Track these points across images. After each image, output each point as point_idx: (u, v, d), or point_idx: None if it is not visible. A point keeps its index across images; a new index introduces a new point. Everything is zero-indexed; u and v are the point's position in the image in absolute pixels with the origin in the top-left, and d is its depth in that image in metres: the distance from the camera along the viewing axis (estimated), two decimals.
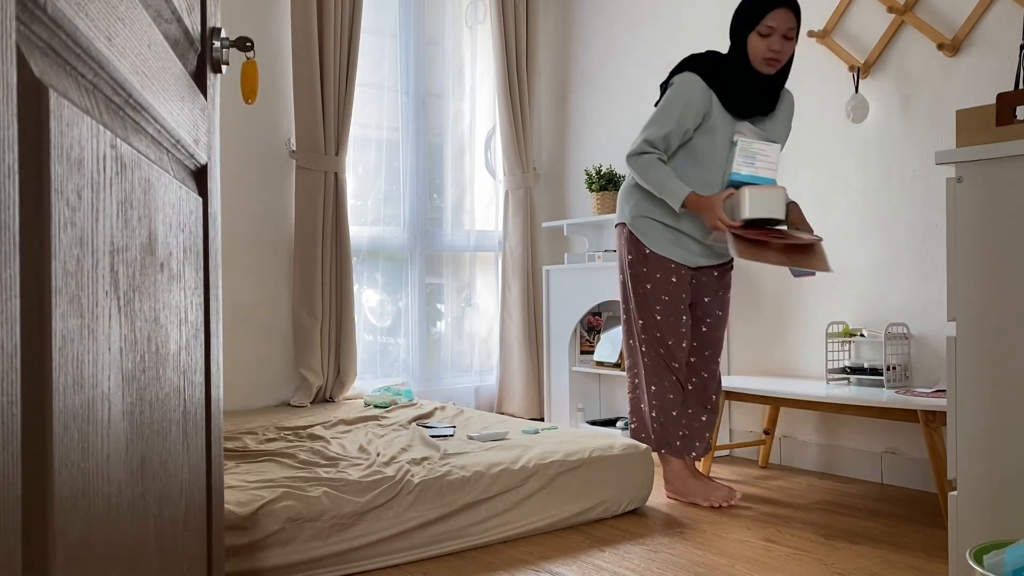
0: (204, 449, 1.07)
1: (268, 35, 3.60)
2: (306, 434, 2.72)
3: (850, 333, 2.99)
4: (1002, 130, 1.62)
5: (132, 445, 0.72)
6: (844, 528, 2.37)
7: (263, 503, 1.88)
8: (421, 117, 4.06)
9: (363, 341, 3.88)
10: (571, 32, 4.40)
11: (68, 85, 0.59)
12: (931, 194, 2.83)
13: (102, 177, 0.63)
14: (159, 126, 0.85)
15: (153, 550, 0.79)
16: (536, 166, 4.40)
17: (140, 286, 0.75)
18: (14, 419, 0.46)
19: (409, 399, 3.49)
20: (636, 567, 2.04)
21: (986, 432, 1.61)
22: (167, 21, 0.92)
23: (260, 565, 1.85)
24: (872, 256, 3.00)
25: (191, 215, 0.99)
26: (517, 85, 4.17)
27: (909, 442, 2.88)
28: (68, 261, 0.56)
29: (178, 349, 0.91)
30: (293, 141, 3.64)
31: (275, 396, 3.61)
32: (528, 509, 2.28)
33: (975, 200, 1.61)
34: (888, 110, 2.96)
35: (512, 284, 4.18)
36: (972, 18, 2.69)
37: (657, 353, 2.67)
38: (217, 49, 1.15)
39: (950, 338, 1.66)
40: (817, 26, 3.16)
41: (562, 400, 3.91)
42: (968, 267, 1.63)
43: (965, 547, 1.63)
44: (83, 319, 0.59)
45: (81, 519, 0.58)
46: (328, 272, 3.62)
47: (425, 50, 4.08)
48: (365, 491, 2.03)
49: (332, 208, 3.62)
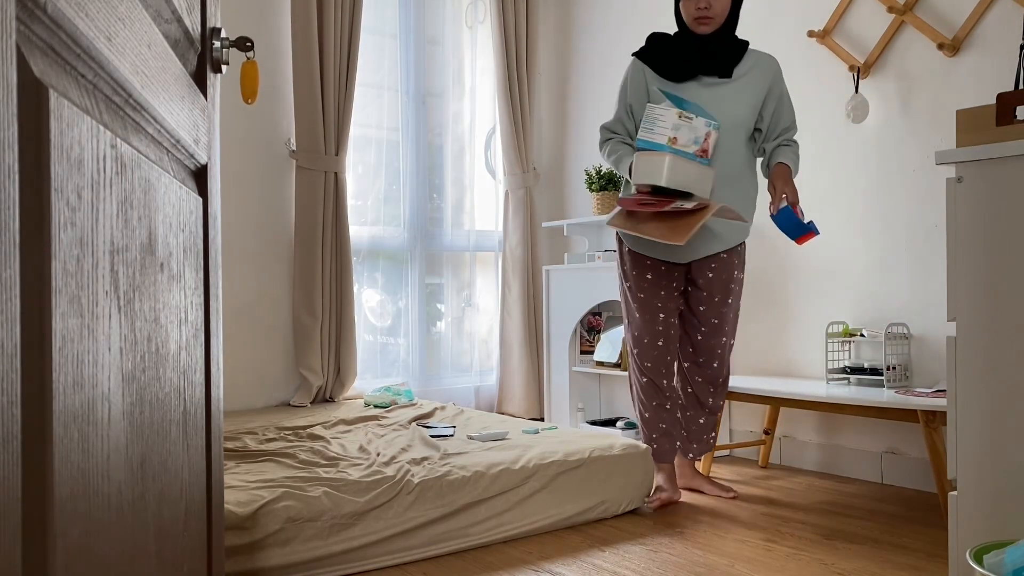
0: (204, 449, 1.07)
1: (268, 35, 3.60)
2: (306, 434, 2.72)
3: (850, 333, 2.99)
4: (1002, 130, 1.62)
5: (132, 445, 0.72)
6: (844, 528, 2.37)
7: (263, 503, 1.88)
8: (421, 117, 4.05)
9: (363, 341, 3.88)
10: (571, 32, 4.40)
11: (68, 85, 0.59)
12: (931, 194, 2.83)
13: (102, 177, 0.63)
14: (159, 126, 0.85)
15: (153, 550, 0.79)
16: (536, 166, 4.40)
17: (140, 286, 0.75)
18: (14, 419, 0.46)
19: (409, 399, 3.49)
20: (636, 567, 2.04)
21: (986, 432, 1.61)
22: (167, 21, 0.92)
23: (260, 565, 1.85)
24: (872, 256, 3.00)
25: (191, 215, 0.99)
26: (517, 85, 4.17)
27: (909, 442, 2.88)
28: (68, 261, 0.56)
29: (178, 349, 0.91)
30: (293, 141, 3.64)
31: (275, 396, 3.61)
32: (528, 509, 2.28)
33: (975, 200, 1.61)
34: (888, 110, 2.96)
35: (512, 284, 4.18)
36: (972, 18, 2.69)
37: (634, 352, 2.66)
38: (217, 49, 1.15)
39: (950, 338, 1.66)
40: (817, 26, 3.16)
41: (562, 400, 3.91)
42: (968, 267, 1.63)
43: (965, 547, 1.63)
44: (83, 319, 0.59)
45: (81, 519, 0.58)
46: (328, 272, 3.62)
47: (425, 50, 4.08)
48: (365, 491, 2.03)
49: (332, 208, 3.62)
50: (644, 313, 2.62)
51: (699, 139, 2.38)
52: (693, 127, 2.37)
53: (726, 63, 2.52)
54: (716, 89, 2.52)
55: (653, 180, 2.32)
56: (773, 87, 2.55)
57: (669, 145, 2.36)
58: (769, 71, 2.56)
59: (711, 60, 2.50)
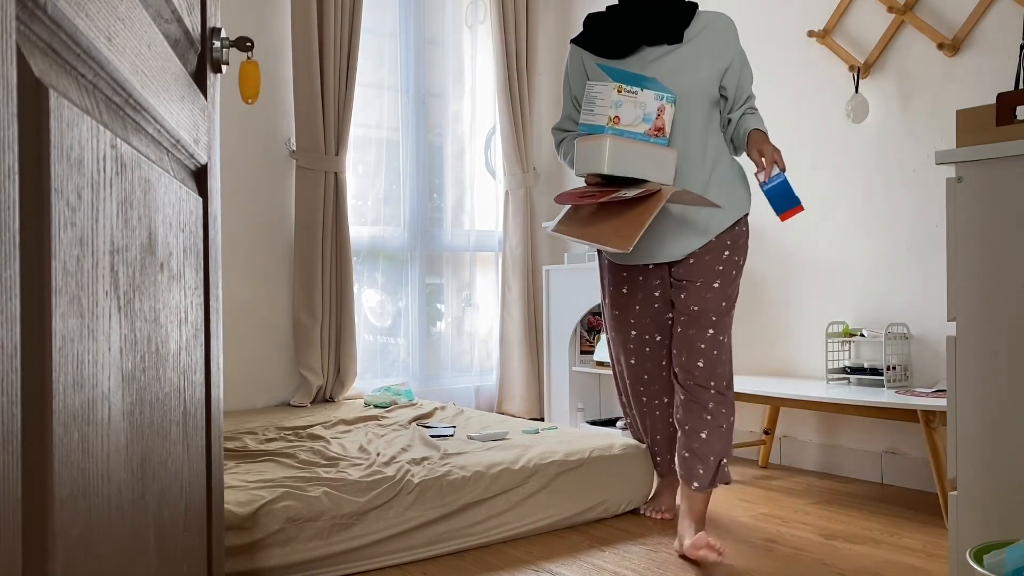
0: (204, 449, 1.07)
1: (268, 35, 3.60)
2: (306, 434, 2.72)
3: (850, 333, 2.99)
4: (1002, 130, 1.62)
5: (132, 445, 0.72)
6: (844, 528, 2.37)
7: (263, 503, 1.88)
8: (421, 117, 4.05)
9: (363, 341, 3.88)
10: (571, 32, 4.40)
11: (68, 85, 0.58)
12: (931, 194, 2.83)
13: (102, 177, 0.63)
14: (159, 126, 0.85)
15: (153, 550, 0.79)
16: (536, 166, 4.40)
17: (140, 286, 0.75)
18: (14, 419, 0.46)
19: (409, 399, 3.49)
20: (636, 567, 2.04)
21: (986, 432, 1.60)
22: (167, 21, 0.92)
23: (260, 565, 1.85)
24: (872, 256, 3.00)
25: (191, 215, 0.99)
26: (517, 85, 4.17)
27: (909, 442, 2.88)
28: (68, 261, 0.56)
29: (178, 349, 0.91)
30: (293, 141, 3.64)
31: (275, 396, 3.61)
32: (528, 509, 2.28)
33: (975, 200, 1.61)
34: (888, 110, 2.96)
35: (512, 284, 4.18)
36: (972, 18, 2.69)
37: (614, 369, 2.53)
38: (217, 49, 1.15)
39: (950, 338, 1.66)
40: (817, 26, 3.16)
41: (562, 400, 3.91)
42: (968, 267, 1.63)
43: (965, 547, 1.63)
44: (83, 319, 0.59)
45: (81, 519, 0.58)
46: (328, 272, 3.62)
47: (425, 50, 4.08)
48: (365, 491, 2.03)
49: (332, 208, 3.62)
50: (615, 332, 2.43)
51: (650, 115, 2.05)
52: (640, 102, 2.04)
53: (675, 26, 2.18)
54: (667, 59, 2.18)
55: (594, 168, 2.00)
56: (734, 50, 2.21)
57: (611, 126, 2.03)
58: (726, 31, 2.21)
59: (656, 25, 2.17)
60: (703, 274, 2.22)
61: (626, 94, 2.03)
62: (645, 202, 1.93)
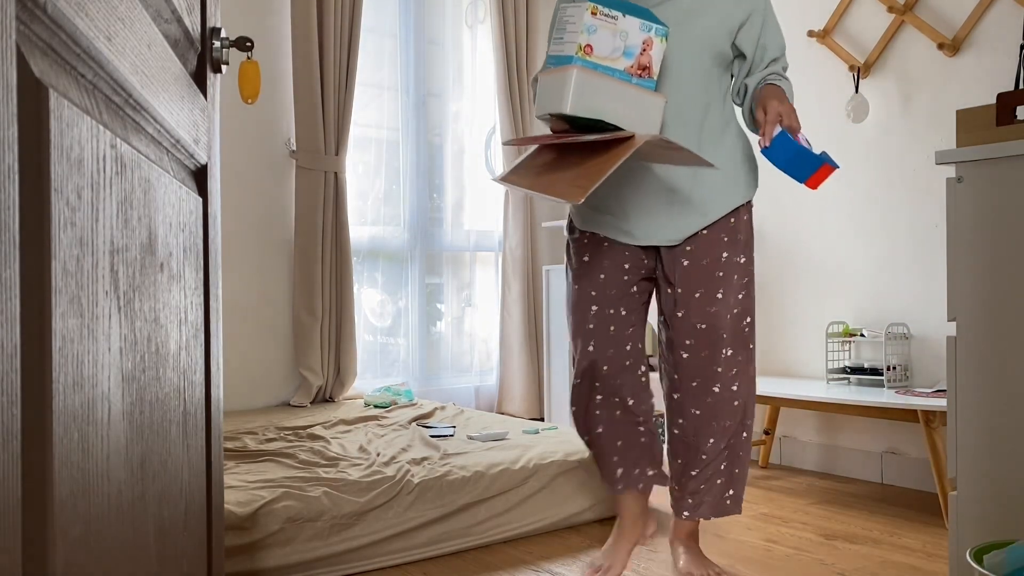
0: (204, 449, 1.07)
1: (268, 35, 3.60)
2: (306, 434, 2.72)
3: (850, 333, 2.99)
4: (1002, 130, 1.62)
5: (132, 445, 0.72)
6: (844, 528, 2.37)
7: (263, 503, 1.88)
8: (421, 117, 4.05)
9: (363, 341, 3.88)
10: None
11: (68, 85, 0.58)
12: (931, 194, 2.83)
13: (102, 177, 0.63)
14: (159, 126, 0.85)
15: (153, 550, 0.79)
16: None
17: (140, 286, 0.75)
18: (14, 419, 0.46)
19: (409, 399, 3.49)
20: (636, 567, 2.04)
21: (986, 432, 1.60)
22: (167, 21, 0.92)
23: (260, 565, 1.85)
24: (872, 256, 3.00)
25: (191, 215, 0.99)
26: (517, 85, 4.17)
27: (909, 442, 2.88)
28: (68, 261, 0.56)
29: (178, 349, 0.91)
30: (293, 141, 3.64)
31: (275, 396, 3.61)
32: (528, 509, 2.28)
33: (975, 200, 1.61)
34: (888, 110, 2.96)
35: (512, 284, 4.18)
36: (972, 18, 2.69)
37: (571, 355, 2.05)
38: (217, 49, 1.15)
39: (950, 338, 1.66)
40: (817, 26, 3.16)
41: (562, 400, 3.91)
42: (968, 267, 1.63)
43: (965, 547, 1.63)
44: (83, 319, 0.59)
45: (81, 519, 0.58)
46: (328, 272, 3.62)
47: (425, 50, 4.07)
48: (365, 491, 2.03)
49: (332, 208, 3.62)
50: (572, 313, 1.97)
51: (632, 49, 1.61)
52: (620, 30, 1.60)
53: None
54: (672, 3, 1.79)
55: (554, 107, 1.59)
56: (755, 2, 1.81)
57: (581, 56, 1.58)
58: None
59: None
60: (703, 281, 1.89)
61: (602, 18, 1.58)
62: (614, 148, 1.52)
